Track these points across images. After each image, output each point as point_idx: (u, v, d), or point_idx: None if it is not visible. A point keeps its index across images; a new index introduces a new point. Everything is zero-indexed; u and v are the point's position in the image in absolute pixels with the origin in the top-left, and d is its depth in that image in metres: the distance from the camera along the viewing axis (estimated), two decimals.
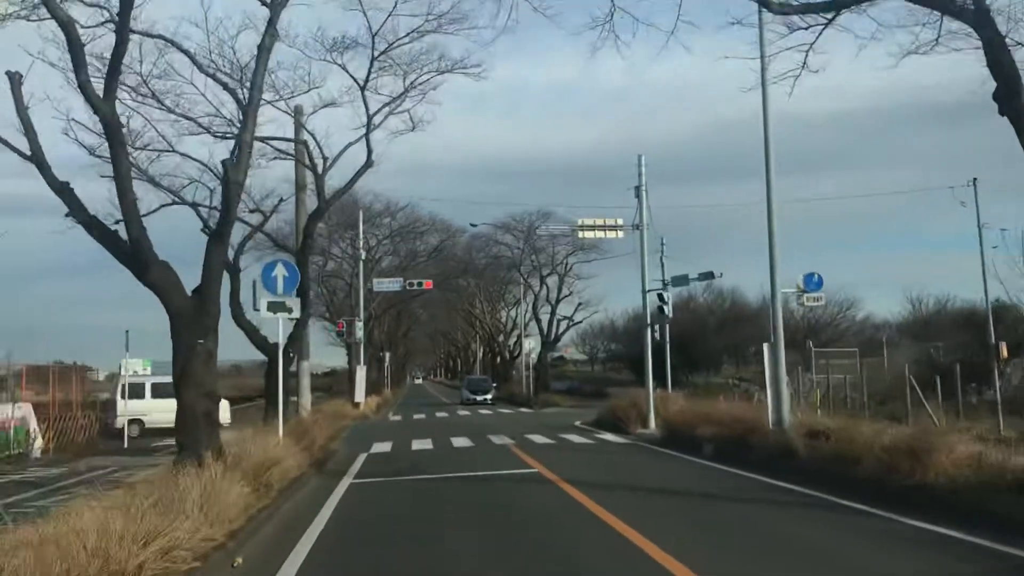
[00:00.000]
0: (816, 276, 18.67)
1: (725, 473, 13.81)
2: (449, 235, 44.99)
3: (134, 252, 9.99)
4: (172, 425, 26.30)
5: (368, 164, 16.69)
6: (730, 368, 46.14)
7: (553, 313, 47.48)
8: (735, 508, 10.32)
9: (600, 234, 24.30)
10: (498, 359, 67.98)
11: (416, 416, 36.03)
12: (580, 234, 24.20)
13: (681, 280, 35.27)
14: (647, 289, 24.24)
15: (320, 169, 17.01)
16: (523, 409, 41.10)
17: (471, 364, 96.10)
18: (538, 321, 48.61)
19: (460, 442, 21.13)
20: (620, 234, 24.38)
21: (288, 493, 11.63)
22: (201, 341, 10.34)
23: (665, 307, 23.62)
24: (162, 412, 24.00)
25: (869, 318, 47.67)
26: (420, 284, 37.82)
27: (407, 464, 16.60)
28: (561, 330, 48.92)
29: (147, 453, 18.89)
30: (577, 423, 28.61)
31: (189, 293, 10.64)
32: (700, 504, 10.89)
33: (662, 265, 38.04)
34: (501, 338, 66.01)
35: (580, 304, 47.75)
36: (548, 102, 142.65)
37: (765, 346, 16.23)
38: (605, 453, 18.03)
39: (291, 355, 16.64)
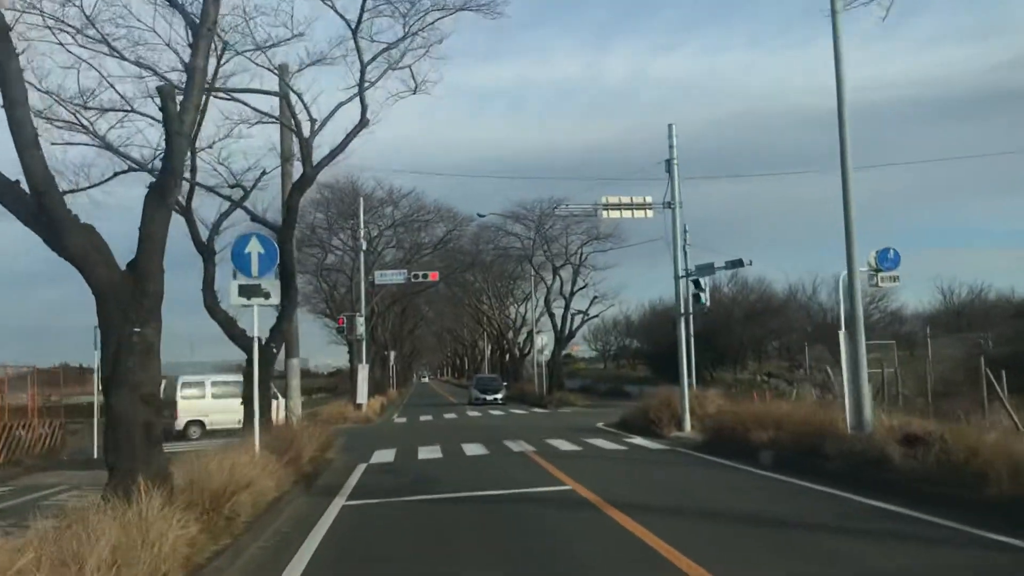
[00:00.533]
0: (892, 252, 16.03)
1: (801, 489, 11.22)
2: (455, 224, 42.38)
3: (40, 212, 7.41)
4: (234, 426, 23.21)
5: (363, 123, 14.12)
6: (756, 363, 43.42)
7: (567, 307, 44.80)
8: (849, 544, 7.68)
9: (626, 214, 21.68)
10: (507, 357, 65.37)
11: (423, 418, 33.46)
12: (604, 214, 21.55)
13: (706, 268, 32.73)
14: (680, 275, 21.60)
15: (308, 132, 14.43)
16: (536, 409, 38.50)
17: (478, 362, 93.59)
18: (551, 316, 45.97)
19: (473, 449, 18.54)
20: (649, 214, 21.74)
21: (259, 526, 9.05)
22: (137, 330, 7.76)
23: (702, 295, 21.02)
24: (223, 413, 24.58)
25: (902, 308, 45.07)
26: (425, 276, 35.22)
27: (412, 478, 14.04)
28: (575, 325, 46.24)
29: None
30: (599, 425, 26.03)
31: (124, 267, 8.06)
32: (799, 537, 8.24)
33: (685, 253, 35.49)
34: (510, 335, 63.35)
35: (595, 297, 45.07)
36: (552, 99, 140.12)
37: (841, 335, 13.61)
38: (644, 463, 15.42)
39: (274, 351, 14.08)
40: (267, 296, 11.77)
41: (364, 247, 34.54)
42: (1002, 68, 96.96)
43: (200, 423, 25.64)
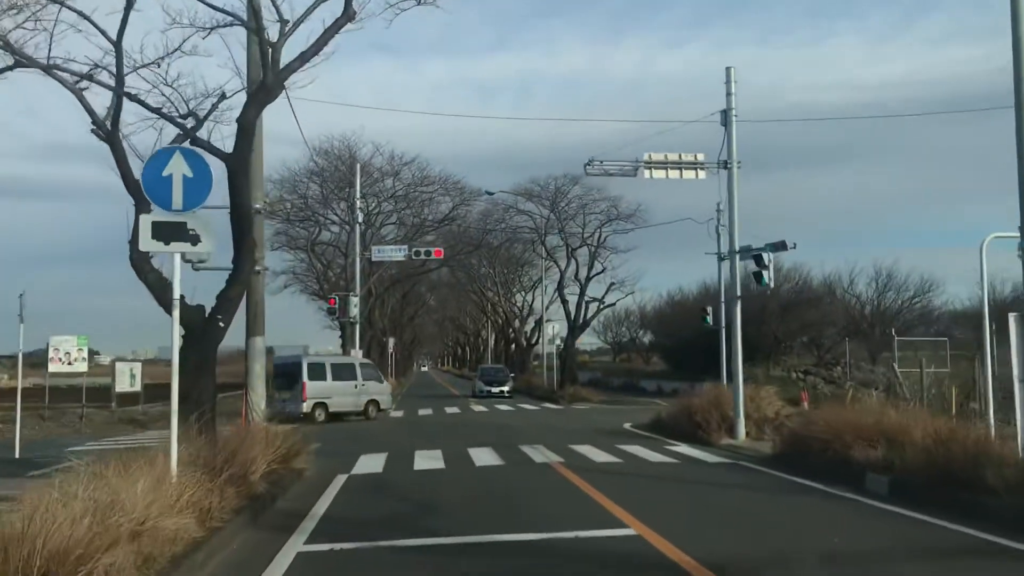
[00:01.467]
0: None
1: (966, 540, 7.52)
2: (462, 199, 38.45)
3: None
4: (355, 409, 25.86)
5: (347, 15, 10.34)
6: (787, 359, 39.61)
7: (582, 293, 40.88)
8: None
9: (673, 174, 17.93)
10: (512, 347, 61.59)
11: (422, 412, 29.74)
12: (646, 174, 17.79)
13: (743, 252, 29.03)
14: (737, 249, 17.83)
15: (275, 36, 10.66)
16: (548, 404, 34.75)
17: (481, 352, 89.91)
18: (564, 303, 42.05)
19: (483, 457, 14.83)
20: (700, 174, 17.99)
21: None
22: None
23: (765, 273, 17.24)
24: (343, 395, 26.07)
25: (948, 303, 41.20)
26: (428, 253, 31.43)
27: (403, 503, 10.35)
28: (589, 314, 42.38)
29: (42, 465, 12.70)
30: (627, 426, 22.33)
31: None
32: None
33: (717, 235, 31.81)
34: (516, 323, 59.51)
35: (613, 284, 41.23)
36: (560, 90, 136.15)
37: (1012, 319, 9.79)
38: (713, 485, 11.67)
39: (221, 324, 10.34)
40: (195, 241, 8.05)
41: (360, 219, 30.75)
42: None
43: (324, 405, 25.76)
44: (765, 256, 17.23)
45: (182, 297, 10.52)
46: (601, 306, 42.28)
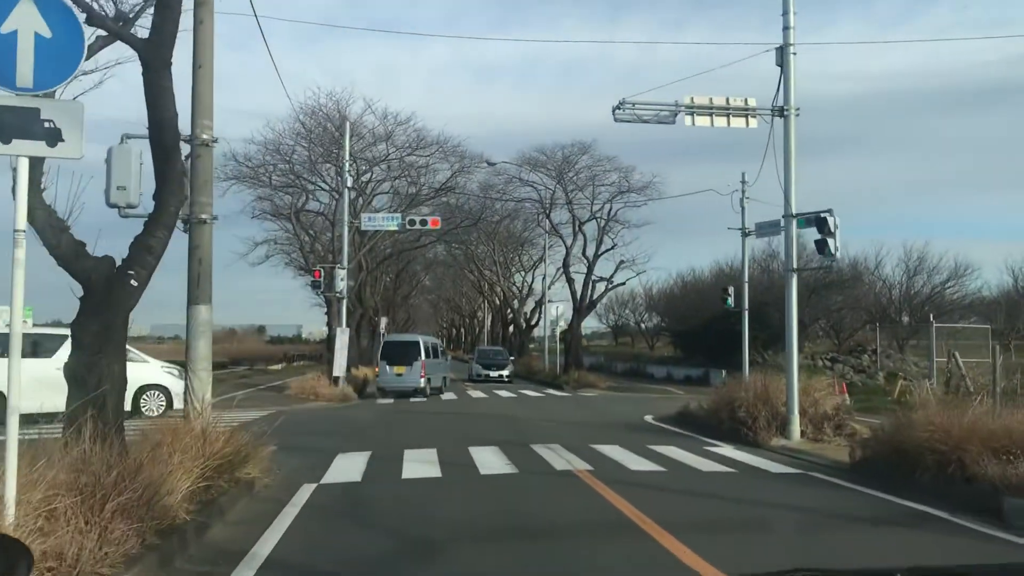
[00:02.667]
0: None
1: None
2: (462, 166, 35.28)
3: None
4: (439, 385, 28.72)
5: None
6: (810, 345, 36.75)
7: (590, 271, 37.87)
8: None
9: (719, 121, 14.96)
10: (510, 328, 58.67)
11: (413, 399, 26.82)
12: (687, 120, 14.83)
13: (770, 227, 26.17)
14: (794, 212, 14.84)
15: None
16: (552, 391, 31.83)
17: (477, 334, 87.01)
18: (570, 282, 38.96)
19: (488, 460, 11.91)
20: (752, 122, 15.03)
21: None
22: None
23: (830, 241, 14.25)
24: (435, 372, 28.79)
25: (984, 288, 38.26)
26: (424, 222, 28.38)
27: (384, 537, 7.45)
28: (596, 294, 39.35)
29: None
30: (650, 419, 19.47)
31: None
32: None
33: (742, 209, 28.92)
34: (515, 303, 56.50)
35: (622, 262, 38.23)
36: (562, 73, 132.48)
37: None
38: (800, 511, 8.76)
39: (133, 283, 7.35)
40: (53, 138, 5.05)
41: (350, 183, 27.64)
42: None
43: (429, 380, 27.75)
44: (830, 220, 14.24)
45: (83, 244, 7.60)
46: (609, 285, 39.34)
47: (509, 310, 57.76)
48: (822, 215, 14.39)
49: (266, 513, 8.18)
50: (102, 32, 8.38)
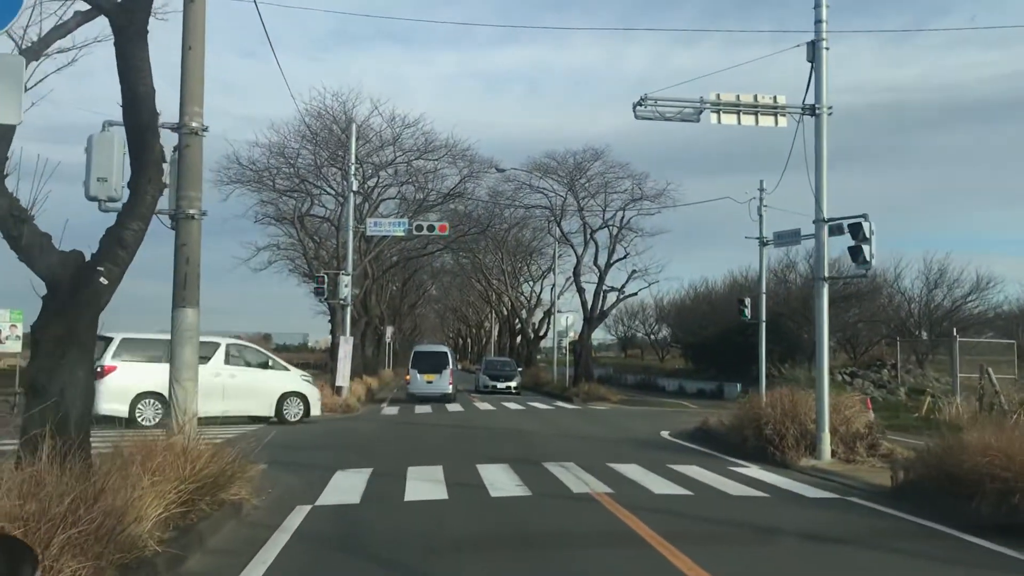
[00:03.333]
0: None
1: None
2: (471, 171, 34.37)
3: None
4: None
5: None
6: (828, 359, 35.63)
7: (601, 281, 36.85)
8: None
9: (746, 120, 14.09)
10: (518, 339, 57.69)
11: (419, 409, 25.90)
12: (712, 118, 13.96)
13: (790, 237, 25.27)
14: (826, 217, 13.90)
15: None
16: (562, 403, 30.87)
17: (483, 344, 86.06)
18: (580, 292, 37.97)
19: (498, 480, 11.00)
20: (782, 121, 14.13)
21: None
22: None
23: (865, 248, 13.31)
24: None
25: (1005, 303, 37.16)
26: (432, 228, 27.52)
27: (385, 571, 6.53)
28: (607, 304, 38.36)
29: None
30: (666, 435, 18.52)
31: None
32: None
33: (759, 217, 27.97)
34: (523, 314, 55.53)
35: (634, 271, 37.26)
36: (570, 84, 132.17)
37: None
38: (848, 544, 7.80)
39: (102, 280, 6.49)
40: None
41: (355, 186, 26.77)
42: None
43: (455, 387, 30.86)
44: (865, 226, 13.31)
45: (47, 237, 6.76)
46: (621, 296, 38.36)
47: (517, 320, 56.85)
48: (856, 219, 13.47)
49: (252, 540, 7.30)
50: (81, 6, 7.55)
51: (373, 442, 16.29)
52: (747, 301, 28.77)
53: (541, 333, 54.04)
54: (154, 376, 15.91)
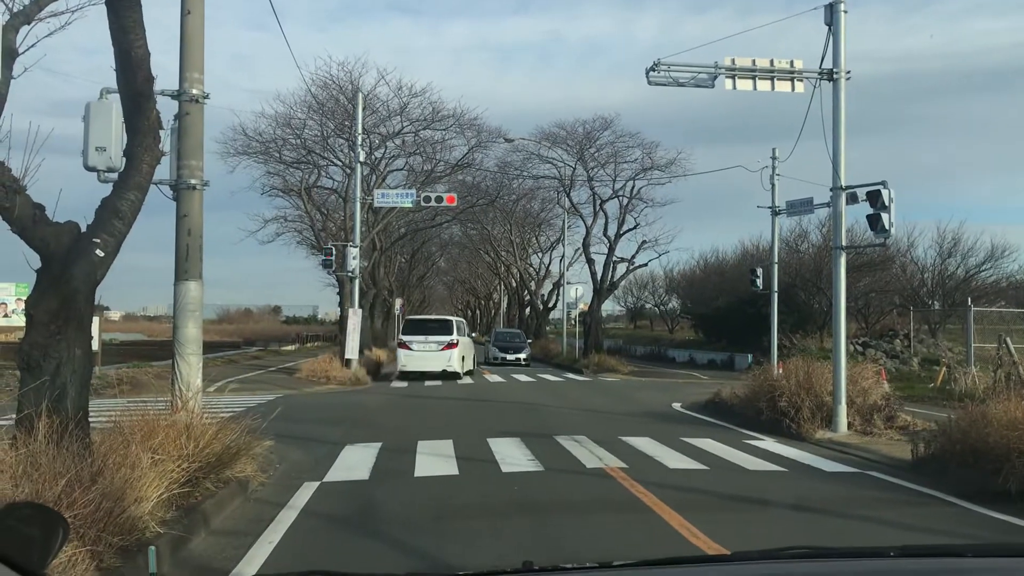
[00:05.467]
0: None
1: None
2: (479, 141, 33.95)
3: None
4: None
5: None
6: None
7: (611, 251, 36.52)
8: None
9: (762, 85, 13.70)
10: (527, 311, 57.50)
11: (429, 382, 25.74)
12: (727, 83, 13.59)
13: (802, 206, 24.91)
14: (844, 185, 13.54)
15: None
16: (572, 375, 30.70)
17: (492, 316, 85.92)
18: (590, 263, 37.68)
19: (509, 454, 10.80)
20: (799, 87, 13.73)
21: None
22: None
23: (884, 216, 12.96)
24: None
25: (1020, 272, 36.61)
26: (440, 199, 27.21)
27: (394, 553, 6.33)
28: (617, 275, 38.07)
29: None
30: (677, 407, 18.32)
31: None
32: None
33: (772, 186, 27.54)
34: (533, 285, 55.28)
35: (644, 242, 36.91)
36: (581, 55, 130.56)
37: None
38: (870, 522, 7.58)
39: (98, 253, 6.25)
40: None
41: (362, 157, 26.43)
42: None
43: None
44: (884, 193, 12.96)
45: (41, 208, 6.54)
46: (631, 267, 38.03)
47: (526, 292, 56.60)
48: (875, 187, 13.12)
49: (258, 519, 7.12)
50: None
51: (382, 415, 16.12)
52: (759, 271, 28.43)
53: (550, 304, 53.86)
54: None
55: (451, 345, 26.03)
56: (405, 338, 26.47)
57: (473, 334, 43.08)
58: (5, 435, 5.75)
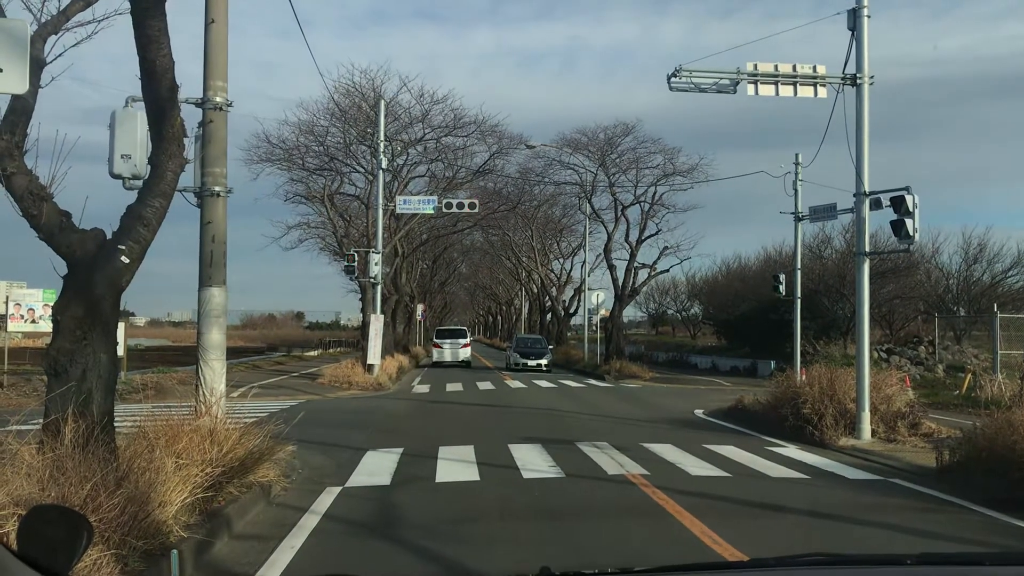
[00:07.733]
0: None
1: None
2: (500, 148, 33.98)
3: None
4: None
5: None
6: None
7: (632, 257, 36.45)
8: None
9: (785, 91, 13.63)
10: (548, 316, 57.46)
11: (450, 387, 25.79)
12: (749, 89, 13.55)
13: (826, 212, 24.74)
14: (867, 190, 13.44)
15: None
16: (593, 381, 30.63)
17: (513, 322, 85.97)
18: (611, 269, 37.53)
19: (531, 460, 10.80)
20: (821, 92, 13.67)
21: None
22: None
23: (908, 222, 12.85)
24: None
25: None
26: (462, 205, 27.26)
27: (417, 560, 6.34)
28: (639, 281, 37.95)
29: None
30: (699, 413, 18.23)
31: None
32: None
33: (795, 192, 27.42)
34: (554, 291, 55.24)
35: (666, 248, 36.78)
36: (605, 61, 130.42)
37: None
38: (898, 531, 7.50)
39: (123, 260, 6.32)
40: None
41: (384, 164, 26.56)
42: None
43: None
44: (909, 199, 12.85)
45: (67, 215, 6.61)
46: (652, 273, 37.89)
47: (547, 297, 56.57)
48: (899, 192, 13.02)
49: (281, 524, 7.17)
50: None
51: (404, 421, 16.18)
52: (781, 277, 28.30)
53: (571, 310, 53.80)
54: None
55: (465, 345, 39.75)
56: (438, 340, 40.32)
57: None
58: (32, 439, 5.82)
